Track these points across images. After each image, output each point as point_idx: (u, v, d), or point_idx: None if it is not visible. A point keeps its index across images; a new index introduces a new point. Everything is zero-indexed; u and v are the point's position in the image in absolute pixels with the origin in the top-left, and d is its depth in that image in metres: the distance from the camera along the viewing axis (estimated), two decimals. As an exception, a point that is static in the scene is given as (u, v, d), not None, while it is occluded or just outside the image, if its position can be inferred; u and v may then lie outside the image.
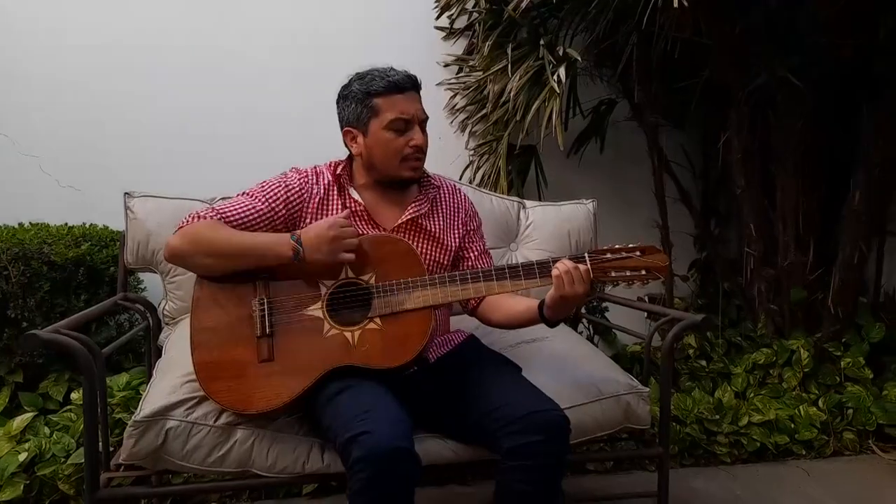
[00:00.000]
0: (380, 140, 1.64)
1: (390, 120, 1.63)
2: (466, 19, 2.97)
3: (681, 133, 3.22)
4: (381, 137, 1.64)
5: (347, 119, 1.68)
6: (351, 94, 1.66)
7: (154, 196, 2.05)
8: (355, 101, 1.65)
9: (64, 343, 1.47)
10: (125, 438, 1.54)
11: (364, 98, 1.63)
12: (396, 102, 1.63)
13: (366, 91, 1.63)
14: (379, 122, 1.63)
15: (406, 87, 1.64)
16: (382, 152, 1.65)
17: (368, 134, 1.65)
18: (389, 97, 1.62)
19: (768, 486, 2.39)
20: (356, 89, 1.65)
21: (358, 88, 1.64)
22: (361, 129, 1.66)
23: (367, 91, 1.63)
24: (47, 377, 2.34)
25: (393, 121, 1.63)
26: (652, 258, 1.55)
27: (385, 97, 1.62)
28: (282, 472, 1.59)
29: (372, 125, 1.64)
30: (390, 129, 1.63)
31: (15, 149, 2.66)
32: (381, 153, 1.66)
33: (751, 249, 2.95)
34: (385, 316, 1.55)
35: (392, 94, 1.62)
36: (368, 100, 1.63)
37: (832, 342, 2.87)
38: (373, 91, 1.63)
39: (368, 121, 1.64)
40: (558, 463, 1.51)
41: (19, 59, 2.66)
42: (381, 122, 1.63)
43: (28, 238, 2.28)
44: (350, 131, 1.68)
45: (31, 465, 2.09)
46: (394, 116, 1.63)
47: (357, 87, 1.65)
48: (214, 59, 2.78)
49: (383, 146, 1.65)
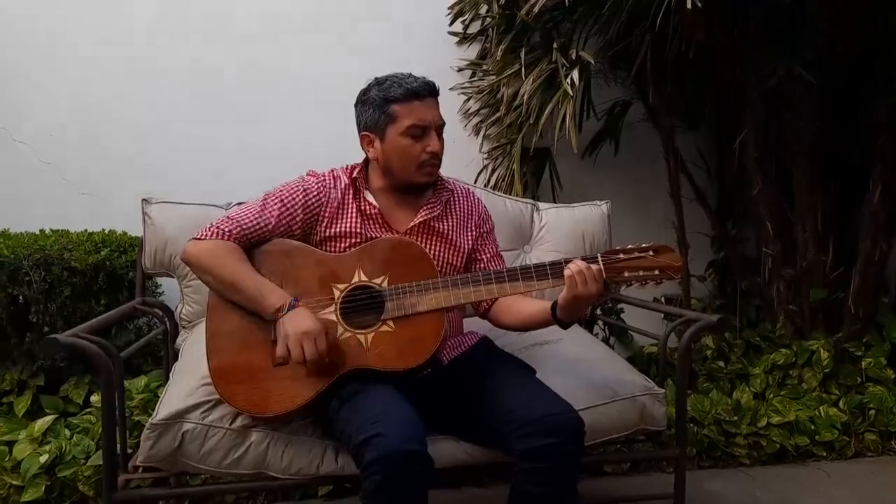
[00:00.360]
0: (397, 146, 1.65)
1: (407, 126, 1.63)
2: (480, 24, 2.98)
3: (696, 134, 3.21)
4: (398, 143, 1.65)
5: (365, 123, 1.69)
6: (369, 100, 1.66)
7: (171, 202, 2.08)
8: (373, 106, 1.65)
9: (82, 347, 1.50)
10: (142, 441, 1.56)
11: (382, 104, 1.64)
12: (414, 109, 1.63)
13: (384, 97, 1.64)
14: (396, 129, 1.64)
15: (424, 93, 1.64)
16: (399, 158, 1.67)
17: (385, 140, 1.66)
18: (408, 104, 1.63)
19: (788, 487, 2.36)
20: (374, 95, 1.65)
21: (376, 94, 1.65)
22: (378, 135, 1.67)
23: (386, 97, 1.64)
24: (68, 380, 2.38)
25: (410, 127, 1.63)
26: (665, 258, 1.54)
27: (403, 104, 1.63)
28: (296, 473, 1.60)
29: (389, 131, 1.65)
30: (407, 135, 1.64)
31: (35, 156, 2.70)
32: (397, 159, 1.67)
33: (769, 249, 2.92)
34: (398, 318, 1.55)
35: (410, 100, 1.63)
36: (386, 106, 1.64)
37: (853, 342, 2.83)
38: (391, 97, 1.63)
39: (386, 127, 1.65)
40: (573, 465, 1.50)
41: (38, 68, 2.71)
42: (398, 128, 1.64)
43: (49, 244, 2.32)
44: (367, 135, 1.69)
45: (51, 466, 2.12)
46: (411, 123, 1.63)
47: (375, 92, 1.65)
48: (228, 66, 2.82)
49: (400, 152, 1.66)
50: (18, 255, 2.25)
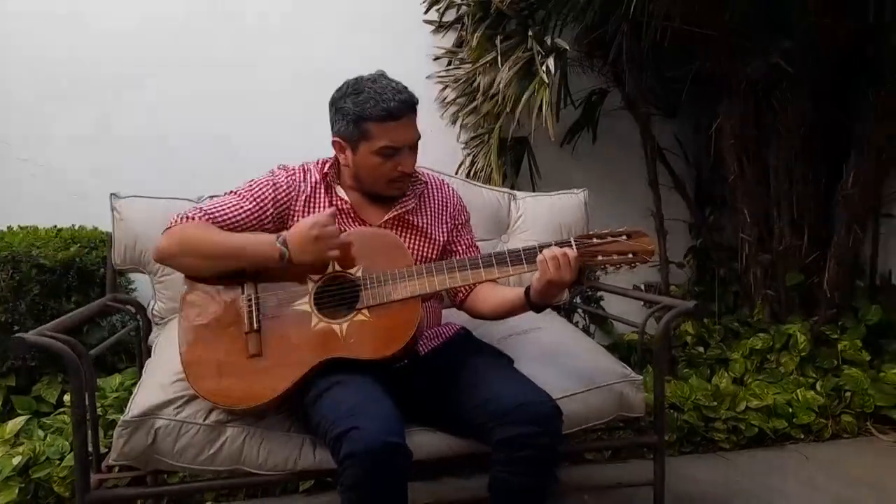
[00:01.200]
0: (367, 162, 1.62)
1: (381, 147, 1.59)
2: (455, 13, 2.95)
3: (673, 121, 3.22)
4: (369, 160, 1.61)
5: (338, 131, 1.64)
6: (343, 111, 1.60)
7: (141, 197, 2.04)
8: (347, 119, 1.60)
9: (49, 345, 1.47)
10: (115, 439, 1.53)
11: (356, 120, 1.58)
12: (389, 130, 1.58)
13: (358, 114, 1.58)
14: (369, 146, 1.60)
15: (400, 114, 1.58)
16: (369, 174, 1.64)
17: (357, 153, 1.62)
18: (383, 124, 1.57)
19: (767, 471, 2.38)
20: (349, 108, 1.59)
21: (351, 108, 1.58)
22: (350, 146, 1.63)
23: (360, 115, 1.57)
24: (40, 380, 2.34)
25: (383, 148, 1.59)
26: (638, 242, 1.54)
27: (378, 123, 1.57)
28: (273, 469, 1.58)
29: (361, 147, 1.61)
30: (380, 154, 1.60)
31: (3, 153, 2.64)
32: (367, 173, 1.64)
33: (746, 235, 2.94)
34: (373, 307, 1.54)
35: (386, 121, 1.57)
36: (361, 123, 1.58)
37: (829, 325, 2.86)
38: (366, 115, 1.57)
39: (358, 141, 1.61)
40: (551, 453, 1.50)
41: (8, 62, 2.64)
42: (370, 146, 1.60)
43: (17, 241, 2.28)
44: (339, 142, 1.65)
45: (25, 468, 2.08)
46: (384, 144, 1.59)
47: (351, 105, 1.59)
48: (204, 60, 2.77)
49: (370, 168, 1.63)
50: (-15, 252, 2.20)
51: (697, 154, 3.26)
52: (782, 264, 2.91)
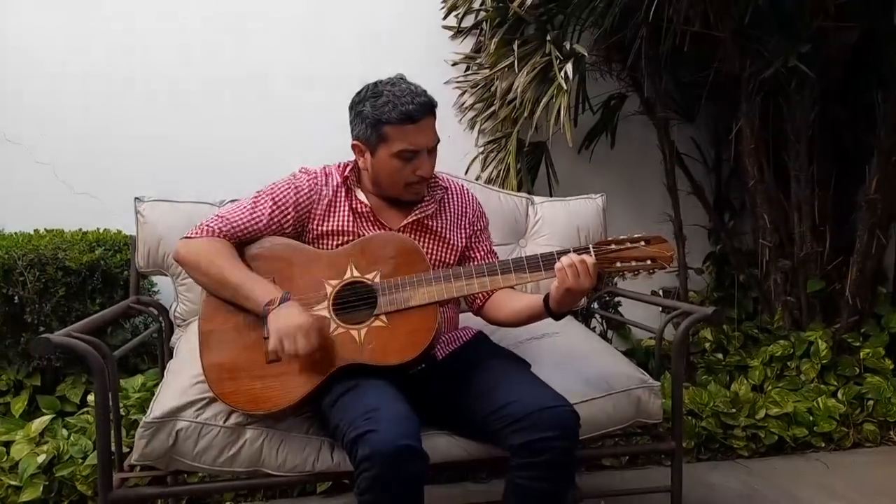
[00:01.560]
0: (386, 166, 1.63)
1: (399, 150, 1.60)
2: (473, 18, 2.96)
3: (692, 126, 3.20)
4: (387, 164, 1.63)
5: (357, 135, 1.66)
6: (363, 114, 1.62)
7: (164, 200, 2.08)
8: (366, 122, 1.61)
9: (74, 346, 1.50)
10: (136, 439, 1.56)
11: (375, 123, 1.59)
12: (408, 133, 1.59)
13: (377, 118, 1.59)
14: (387, 150, 1.61)
15: (419, 116, 1.59)
16: (387, 177, 1.65)
17: (376, 157, 1.64)
18: (401, 127, 1.58)
19: (787, 479, 2.36)
20: (368, 112, 1.60)
21: (370, 111, 1.60)
22: (370, 149, 1.64)
23: (379, 118, 1.58)
24: (64, 380, 2.38)
25: (402, 151, 1.60)
26: (657, 248, 1.53)
27: (396, 126, 1.58)
28: (292, 470, 1.60)
29: (380, 150, 1.62)
30: (398, 157, 1.61)
31: (30, 157, 2.69)
32: (386, 177, 1.66)
33: (766, 241, 2.91)
34: (391, 313, 1.55)
35: (404, 124, 1.58)
36: (379, 126, 1.59)
37: (851, 333, 2.83)
38: (384, 119, 1.58)
39: (377, 145, 1.62)
40: (568, 459, 1.50)
41: (30, 69, 2.69)
42: (389, 150, 1.61)
43: (43, 244, 2.32)
44: (358, 146, 1.67)
45: (49, 466, 2.13)
46: (403, 147, 1.60)
47: (370, 109, 1.60)
48: (222, 64, 2.80)
49: (389, 172, 1.64)
50: (12, 255, 2.25)
51: (716, 159, 3.24)
52: (803, 270, 2.88)
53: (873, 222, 2.77)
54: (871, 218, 2.76)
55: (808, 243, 2.85)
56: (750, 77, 2.69)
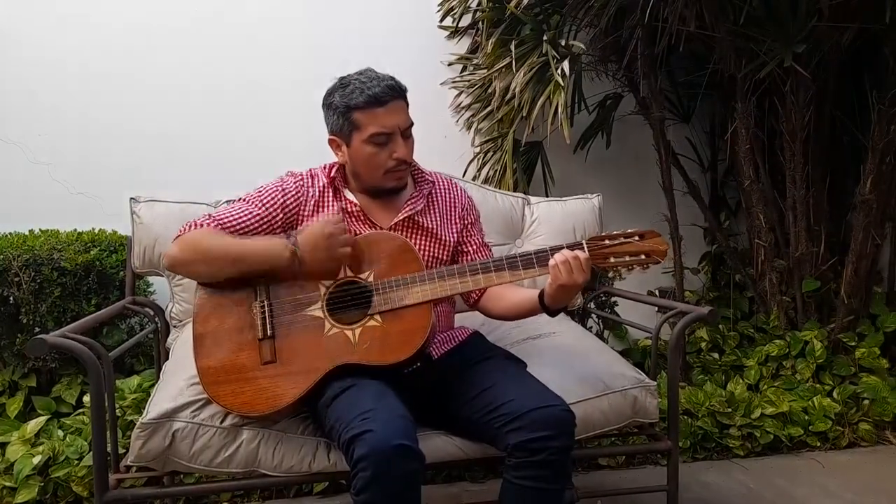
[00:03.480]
0: (362, 153, 1.63)
1: (371, 134, 1.60)
2: (470, 18, 2.97)
3: (687, 126, 3.21)
4: (363, 151, 1.63)
5: (331, 129, 1.67)
6: (333, 105, 1.64)
7: (159, 201, 2.08)
8: (337, 113, 1.63)
9: (69, 347, 1.49)
10: (132, 440, 1.56)
11: (345, 112, 1.61)
12: (377, 116, 1.60)
13: (346, 105, 1.60)
14: (360, 136, 1.61)
15: (387, 99, 1.59)
16: (365, 165, 1.65)
17: (351, 146, 1.64)
18: (370, 111, 1.59)
19: (782, 478, 2.37)
20: (337, 101, 1.62)
21: (339, 101, 1.61)
22: (344, 140, 1.65)
23: (348, 105, 1.60)
24: (60, 381, 2.38)
25: (374, 135, 1.60)
26: (651, 242, 1.53)
27: (365, 111, 1.59)
28: (288, 471, 1.60)
29: (354, 138, 1.63)
30: (372, 143, 1.61)
31: (25, 157, 2.69)
32: (363, 166, 1.65)
33: (761, 241, 2.92)
34: (385, 312, 1.55)
35: (373, 107, 1.59)
36: (349, 114, 1.60)
37: (846, 333, 2.83)
38: (353, 105, 1.59)
39: (350, 134, 1.62)
40: (564, 459, 1.49)
41: (26, 68, 2.69)
42: (361, 136, 1.61)
43: (38, 245, 2.32)
44: (334, 140, 1.68)
45: (45, 467, 2.13)
46: (374, 131, 1.60)
47: (338, 98, 1.62)
48: (217, 64, 2.80)
49: (366, 159, 1.64)
50: (7, 255, 2.24)
51: (712, 159, 3.25)
52: (798, 270, 2.89)
53: (868, 222, 2.77)
54: (866, 218, 2.77)
55: (804, 243, 2.86)
56: (745, 77, 2.69)
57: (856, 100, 2.91)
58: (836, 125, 2.95)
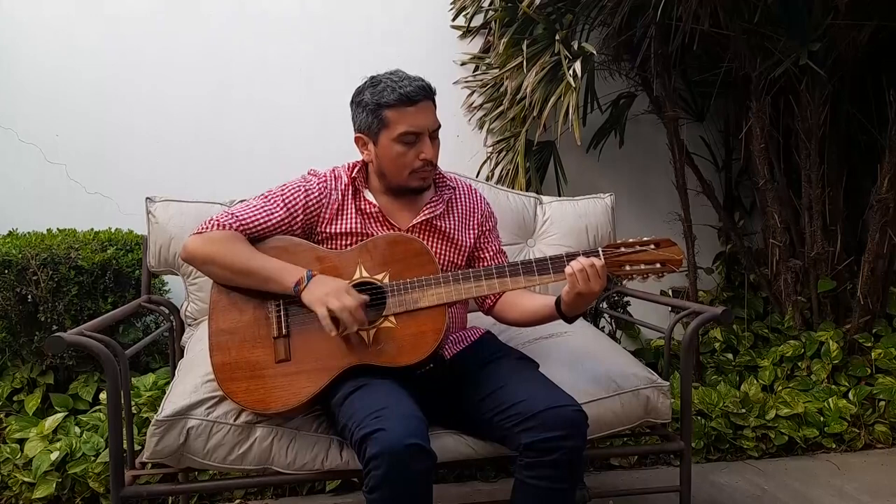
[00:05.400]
0: (389, 152, 1.64)
1: (400, 133, 1.61)
2: (482, 18, 2.97)
3: (701, 125, 3.19)
4: (390, 149, 1.63)
5: (359, 126, 1.68)
6: (363, 103, 1.64)
7: (175, 200, 2.09)
8: (366, 110, 1.64)
9: (86, 344, 1.51)
10: (147, 437, 1.58)
11: (375, 109, 1.62)
12: (407, 115, 1.61)
13: (377, 102, 1.61)
14: (389, 134, 1.62)
15: (418, 98, 1.61)
16: (392, 163, 1.66)
17: (378, 144, 1.65)
18: (400, 109, 1.60)
19: (797, 480, 2.35)
20: (368, 99, 1.63)
21: (370, 98, 1.63)
22: (372, 139, 1.65)
23: (378, 102, 1.61)
24: (77, 378, 2.40)
25: (403, 134, 1.61)
26: (667, 251, 1.53)
27: (396, 109, 1.60)
28: (301, 469, 1.61)
29: (382, 136, 1.63)
30: (400, 142, 1.62)
31: (42, 157, 2.72)
32: (390, 164, 1.66)
33: (776, 240, 2.90)
34: (400, 314, 1.55)
35: (403, 106, 1.60)
36: (379, 111, 1.61)
37: (862, 333, 2.81)
38: (383, 103, 1.60)
39: (379, 132, 1.63)
40: (576, 459, 1.50)
41: (42, 69, 2.72)
42: (390, 134, 1.62)
43: (56, 244, 2.34)
44: (361, 138, 1.68)
45: (62, 463, 2.16)
46: (404, 130, 1.61)
47: (369, 96, 1.63)
48: (233, 65, 2.82)
49: (392, 158, 1.64)
50: (26, 254, 2.27)
51: (726, 158, 3.23)
52: (814, 270, 2.87)
53: (885, 221, 2.75)
54: (883, 217, 2.74)
55: (819, 243, 2.83)
56: (760, 76, 2.68)
57: (872, 98, 2.88)
58: (852, 124, 2.92)
